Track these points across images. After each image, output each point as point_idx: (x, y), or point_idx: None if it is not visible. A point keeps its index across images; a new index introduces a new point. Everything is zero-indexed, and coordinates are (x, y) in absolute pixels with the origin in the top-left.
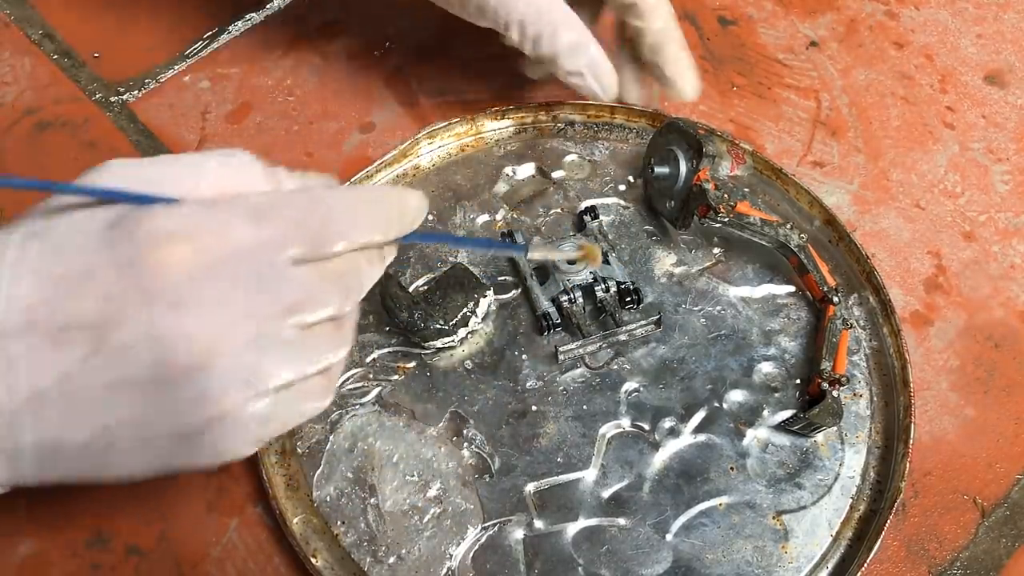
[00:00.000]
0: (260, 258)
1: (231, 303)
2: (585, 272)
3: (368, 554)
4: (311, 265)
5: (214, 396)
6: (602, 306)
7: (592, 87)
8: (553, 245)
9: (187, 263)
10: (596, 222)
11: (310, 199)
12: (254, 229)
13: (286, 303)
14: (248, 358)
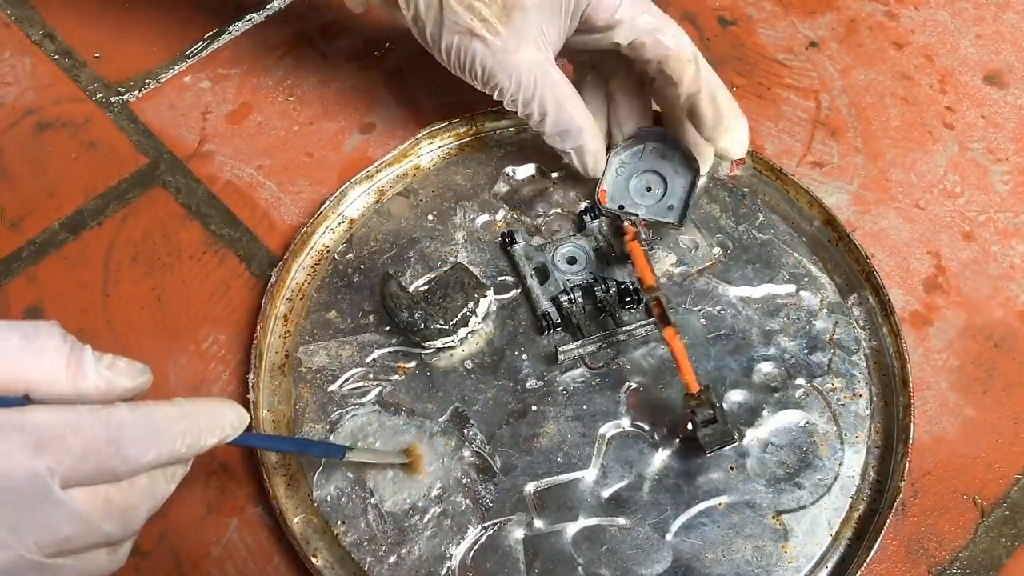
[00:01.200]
0: (33, 489)
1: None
2: (585, 272)
3: (368, 554)
4: (93, 493)
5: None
6: (602, 306)
7: (576, 167)
8: (372, 450)
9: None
10: (596, 222)
11: (103, 421)
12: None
13: (54, 537)
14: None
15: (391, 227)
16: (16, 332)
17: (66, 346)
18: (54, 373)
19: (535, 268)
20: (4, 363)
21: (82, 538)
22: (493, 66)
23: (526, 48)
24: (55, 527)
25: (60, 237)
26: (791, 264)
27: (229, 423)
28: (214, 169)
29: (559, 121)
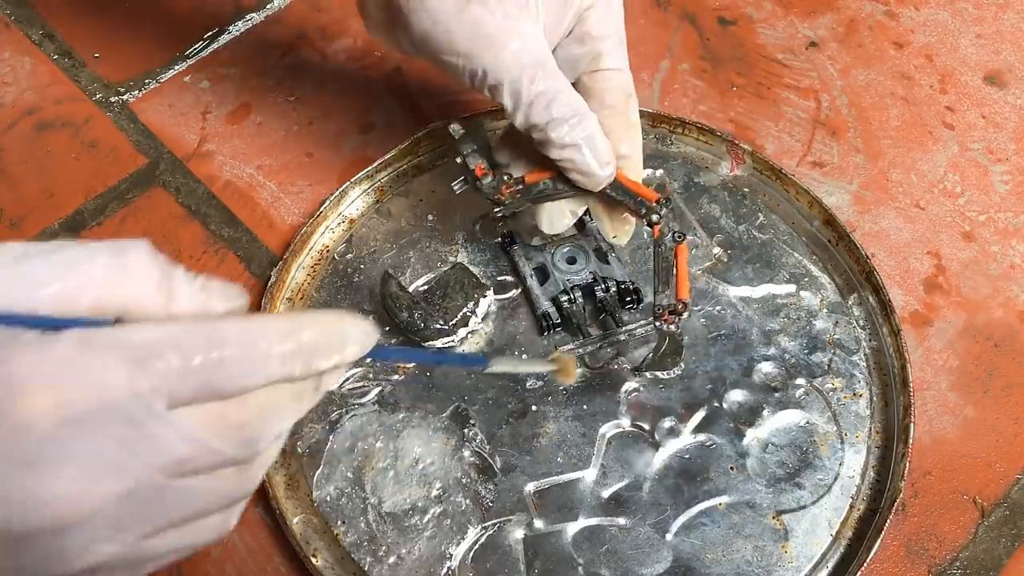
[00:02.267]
0: (138, 409)
1: (98, 460)
2: (585, 272)
3: (368, 554)
4: (204, 411)
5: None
6: (602, 306)
7: (589, 162)
8: (518, 359)
9: (48, 418)
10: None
11: (205, 335)
12: (133, 376)
13: (166, 458)
14: (117, 513)
15: (391, 227)
16: (103, 252)
17: (157, 266)
18: (145, 295)
19: (535, 268)
20: (92, 285)
21: (200, 458)
22: (492, 36)
23: (528, 23)
24: (168, 448)
25: (60, 237)
26: (791, 264)
27: (351, 341)
28: (214, 169)
29: (572, 105)
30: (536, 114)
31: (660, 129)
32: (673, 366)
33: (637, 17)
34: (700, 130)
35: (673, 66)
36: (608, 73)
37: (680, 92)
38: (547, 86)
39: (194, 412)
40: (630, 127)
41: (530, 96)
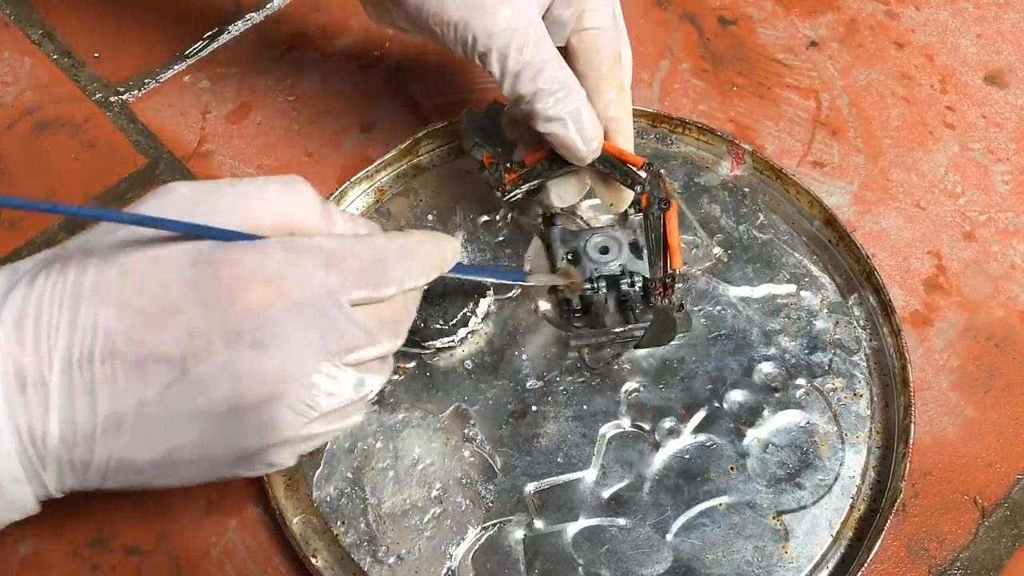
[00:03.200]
0: (330, 301)
1: (303, 343)
2: (615, 263)
3: (368, 554)
4: (369, 308)
5: (277, 426)
6: (625, 300)
7: (573, 138)
8: (548, 274)
9: (268, 306)
10: (638, 216)
11: (371, 247)
12: (326, 274)
13: (348, 344)
14: (310, 390)
15: (391, 227)
16: (275, 183)
17: (318, 198)
18: (311, 218)
19: (567, 253)
20: (272, 210)
21: (366, 347)
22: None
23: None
24: (348, 337)
25: (60, 237)
26: (791, 264)
27: (451, 251)
28: (214, 169)
29: (559, 78)
30: (523, 84)
31: (660, 129)
32: (668, 342)
33: (637, 17)
34: (700, 130)
35: (673, 66)
36: (593, 32)
37: (680, 92)
38: (535, 56)
39: (363, 309)
40: (617, 90)
41: (517, 65)
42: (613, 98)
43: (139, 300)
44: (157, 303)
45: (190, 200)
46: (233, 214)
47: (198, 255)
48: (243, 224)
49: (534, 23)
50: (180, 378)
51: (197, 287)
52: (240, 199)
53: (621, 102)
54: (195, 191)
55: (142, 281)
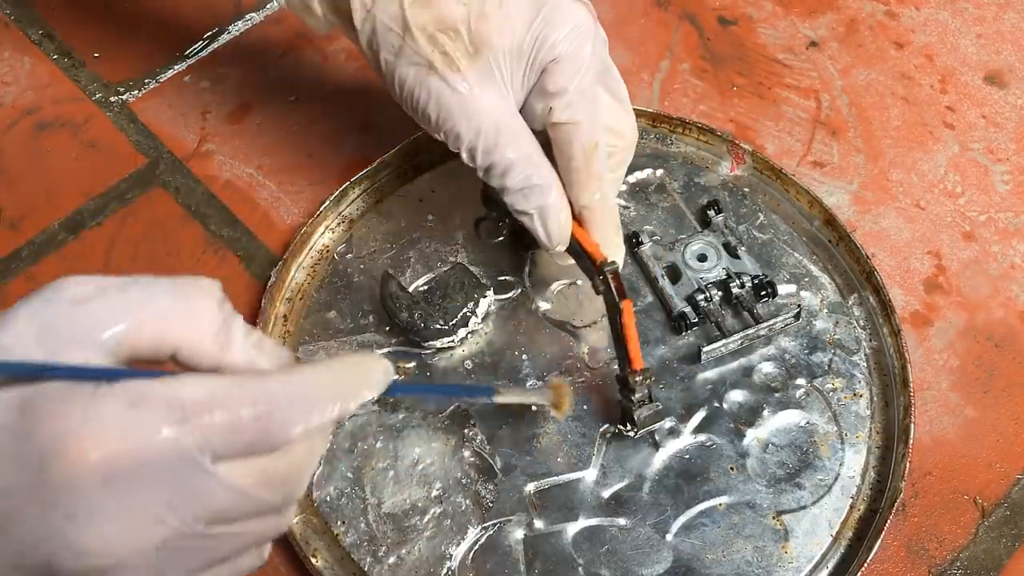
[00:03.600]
0: (183, 465)
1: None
2: (718, 268)
3: (368, 554)
4: (249, 465)
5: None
6: (738, 302)
7: (538, 231)
8: (519, 388)
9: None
10: (720, 216)
11: (254, 392)
12: (178, 433)
13: (208, 509)
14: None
15: (391, 227)
16: (171, 293)
17: (220, 314)
18: (203, 340)
19: (665, 268)
20: (157, 320)
21: (241, 509)
22: (450, 107)
23: (489, 92)
24: (211, 500)
25: (60, 237)
26: (791, 264)
27: (376, 380)
28: (214, 169)
29: (525, 175)
30: (493, 179)
31: (660, 129)
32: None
33: (637, 17)
34: (700, 130)
35: (673, 66)
36: (565, 127)
37: (680, 92)
38: (502, 157)
39: (240, 466)
40: (590, 179)
41: (485, 163)
42: (583, 187)
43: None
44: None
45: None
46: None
47: (28, 400)
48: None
49: (503, 122)
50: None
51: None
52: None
53: (594, 191)
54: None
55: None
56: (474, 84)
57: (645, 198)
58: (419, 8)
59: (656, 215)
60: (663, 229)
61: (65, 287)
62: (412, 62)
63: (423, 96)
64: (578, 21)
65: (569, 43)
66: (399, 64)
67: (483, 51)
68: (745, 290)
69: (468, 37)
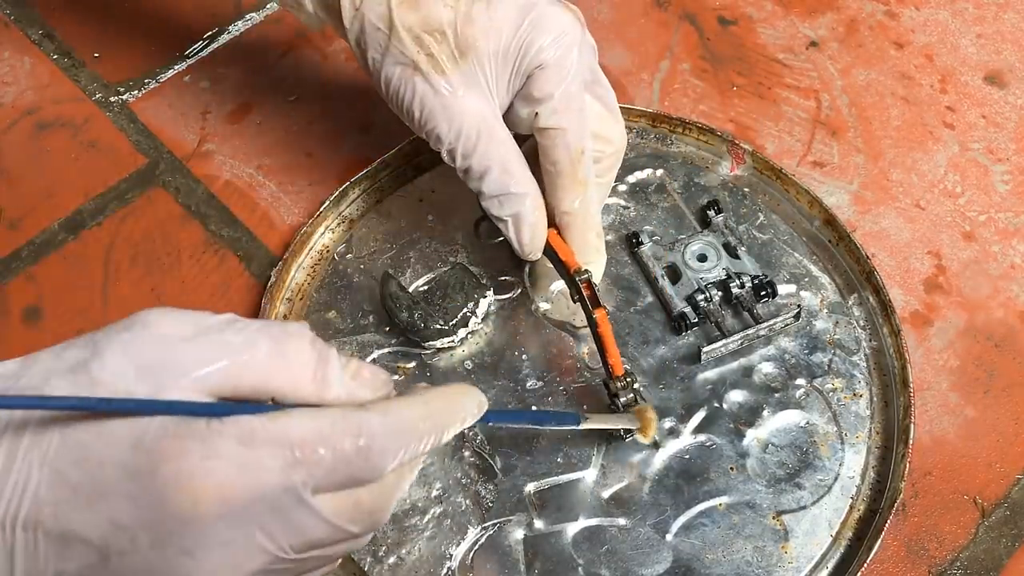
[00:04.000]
0: (287, 500)
1: (246, 545)
2: (718, 268)
3: (368, 554)
4: (344, 497)
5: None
6: (738, 302)
7: (511, 238)
8: (605, 414)
9: (208, 513)
10: (720, 216)
11: (355, 430)
12: (286, 472)
13: (306, 540)
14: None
15: (391, 227)
16: (267, 337)
17: (314, 353)
18: (300, 381)
19: (665, 268)
20: (255, 370)
21: (331, 538)
22: (433, 108)
23: (473, 95)
24: (307, 532)
25: (60, 237)
26: (791, 264)
27: (469, 412)
28: (214, 169)
29: (501, 182)
30: (471, 183)
31: (660, 129)
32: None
33: (637, 17)
34: (700, 130)
35: (673, 66)
36: (551, 132)
37: (680, 92)
38: (479, 162)
39: (335, 499)
40: (575, 184)
41: (464, 166)
42: (567, 193)
43: (75, 473)
44: (90, 481)
45: (163, 346)
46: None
47: (141, 439)
48: (215, 384)
49: (483, 127)
50: (100, 564)
51: (132, 477)
52: (220, 354)
53: (578, 196)
54: (174, 332)
55: (82, 454)
56: (458, 87)
57: (645, 198)
58: (406, 9)
59: (656, 215)
60: (663, 229)
61: (156, 323)
62: (398, 62)
63: (408, 95)
64: (564, 27)
65: (555, 49)
66: (385, 63)
67: (468, 54)
68: (745, 290)
69: (454, 40)
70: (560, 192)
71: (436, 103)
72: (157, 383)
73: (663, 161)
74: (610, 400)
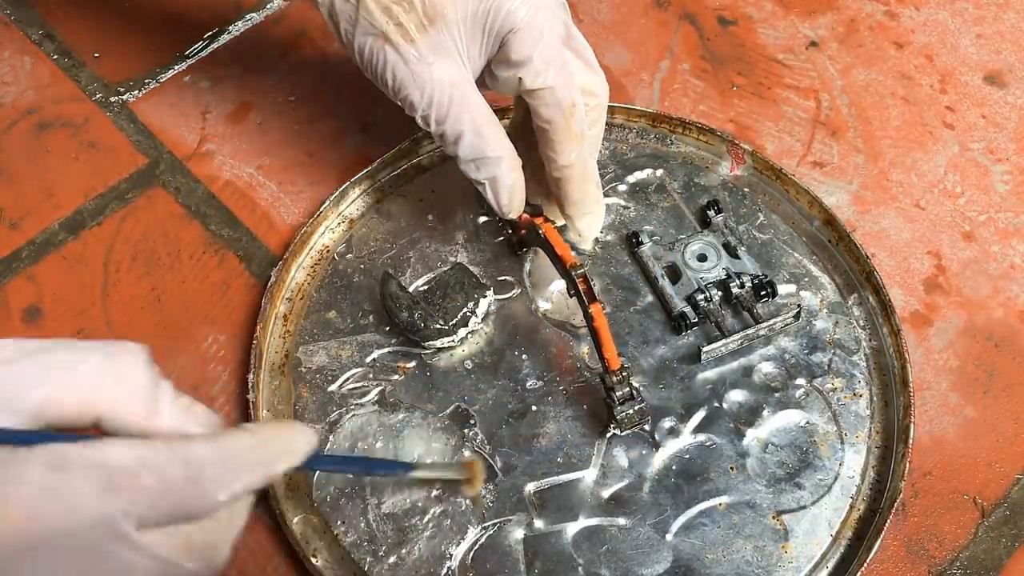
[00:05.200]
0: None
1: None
2: (718, 268)
3: (368, 554)
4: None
5: None
6: (738, 302)
7: (490, 200)
8: (432, 465)
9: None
10: (720, 216)
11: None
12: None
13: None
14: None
15: (391, 227)
16: (96, 355)
17: (147, 378)
18: (129, 405)
19: (665, 268)
20: (81, 389)
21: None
22: (404, 77)
23: (443, 62)
24: (132, 571)
25: (60, 237)
26: (791, 264)
27: (299, 448)
28: (214, 169)
29: (474, 146)
30: (447, 148)
31: (660, 129)
32: (642, 423)
33: (637, 17)
34: (700, 130)
35: (673, 66)
36: (539, 93)
37: (680, 92)
38: (452, 127)
39: (163, 535)
40: (571, 138)
41: (438, 132)
42: (564, 148)
43: None
44: None
45: None
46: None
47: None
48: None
49: (454, 93)
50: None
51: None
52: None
53: (574, 150)
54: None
55: None
56: (427, 54)
57: (645, 198)
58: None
59: (656, 215)
60: (663, 229)
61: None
62: (368, 32)
63: (380, 65)
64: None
65: (525, 10)
66: (356, 35)
67: (437, 22)
68: (745, 290)
69: (421, 8)
70: (557, 147)
71: (407, 72)
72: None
73: (663, 161)
74: (606, 395)
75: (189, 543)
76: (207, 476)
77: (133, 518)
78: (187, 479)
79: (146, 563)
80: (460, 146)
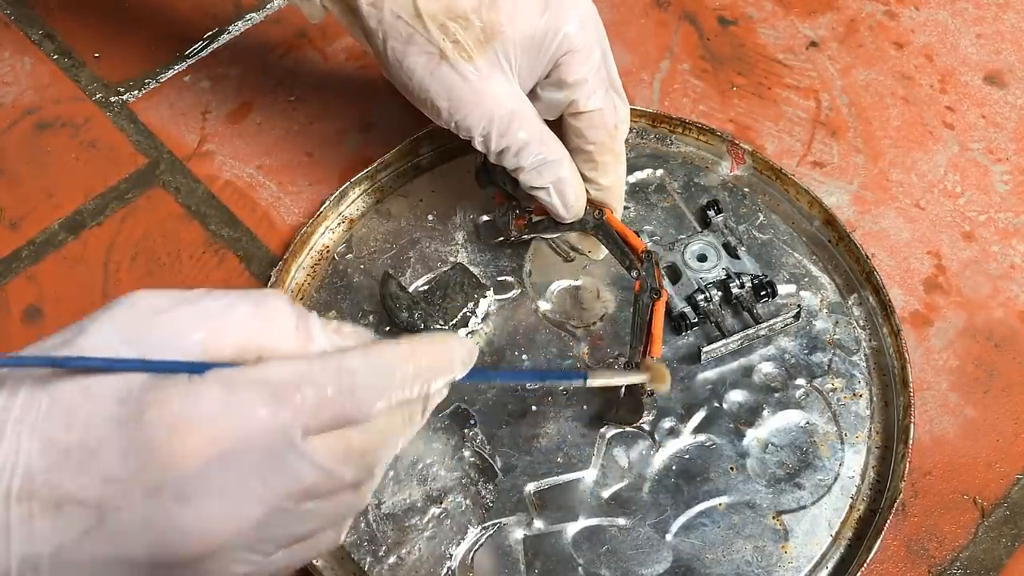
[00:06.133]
0: (277, 442)
1: (241, 492)
2: (717, 268)
3: (368, 554)
4: (334, 438)
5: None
6: (738, 302)
7: (555, 205)
8: (612, 371)
9: (197, 455)
10: (720, 216)
11: (337, 369)
12: (273, 411)
13: (300, 487)
14: (254, 537)
15: (391, 227)
16: (245, 301)
17: (294, 313)
18: (283, 339)
19: (665, 268)
20: (236, 332)
21: (326, 484)
22: (463, 95)
23: (499, 79)
24: (302, 477)
25: (60, 237)
26: (791, 264)
27: (459, 360)
28: (214, 169)
29: (538, 153)
30: (507, 161)
31: (660, 129)
32: (635, 422)
33: (637, 17)
34: (700, 130)
35: (673, 66)
36: (587, 115)
37: (680, 92)
38: (514, 139)
39: (324, 440)
40: (616, 161)
41: (499, 147)
42: (609, 168)
43: (65, 436)
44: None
45: (145, 317)
46: (190, 337)
47: (128, 392)
48: (200, 349)
49: (514, 106)
50: (97, 526)
51: (120, 429)
52: (201, 320)
53: (615, 170)
54: (154, 305)
55: (70, 415)
56: (484, 72)
57: (645, 198)
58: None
59: (656, 215)
60: (663, 229)
61: (139, 299)
62: (423, 51)
63: (433, 86)
64: (586, 10)
65: (581, 34)
66: (408, 53)
67: (493, 40)
68: (745, 290)
69: (480, 26)
70: (600, 168)
71: (465, 89)
72: (143, 349)
73: (663, 161)
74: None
75: (348, 449)
76: (359, 385)
77: (299, 427)
78: (342, 389)
79: (311, 469)
80: (523, 156)
